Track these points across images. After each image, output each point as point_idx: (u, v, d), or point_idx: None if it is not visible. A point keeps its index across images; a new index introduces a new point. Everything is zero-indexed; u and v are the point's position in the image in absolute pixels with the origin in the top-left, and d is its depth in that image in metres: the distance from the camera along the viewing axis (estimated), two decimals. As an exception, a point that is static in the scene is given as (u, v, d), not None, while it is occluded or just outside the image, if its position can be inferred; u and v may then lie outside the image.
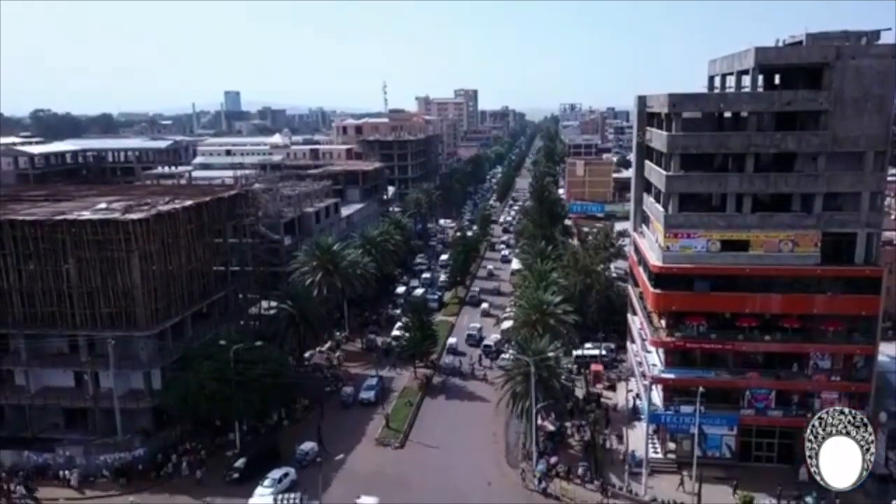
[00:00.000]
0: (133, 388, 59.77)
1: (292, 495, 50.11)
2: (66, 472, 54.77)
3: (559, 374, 59.05)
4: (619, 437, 59.48)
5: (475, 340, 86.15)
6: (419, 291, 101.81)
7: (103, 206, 62.78)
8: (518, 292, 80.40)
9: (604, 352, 76.67)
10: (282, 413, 64.51)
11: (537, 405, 55.59)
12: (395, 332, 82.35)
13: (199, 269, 65.97)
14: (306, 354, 77.62)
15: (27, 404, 59.94)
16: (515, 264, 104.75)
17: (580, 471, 54.20)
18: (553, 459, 56.34)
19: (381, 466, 57.39)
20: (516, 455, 59.06)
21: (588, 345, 77.57)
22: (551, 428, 61.30)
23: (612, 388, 70.26)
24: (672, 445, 56.52)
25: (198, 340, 62.68)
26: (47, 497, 53.44)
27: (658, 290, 55.94)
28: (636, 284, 66.79)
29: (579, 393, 67.15)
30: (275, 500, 49.47)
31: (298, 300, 73.39)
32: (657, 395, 56.75)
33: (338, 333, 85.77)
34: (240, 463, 55.36)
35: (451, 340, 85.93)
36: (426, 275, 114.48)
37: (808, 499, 49.28)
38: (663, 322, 56.86)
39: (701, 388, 50.96)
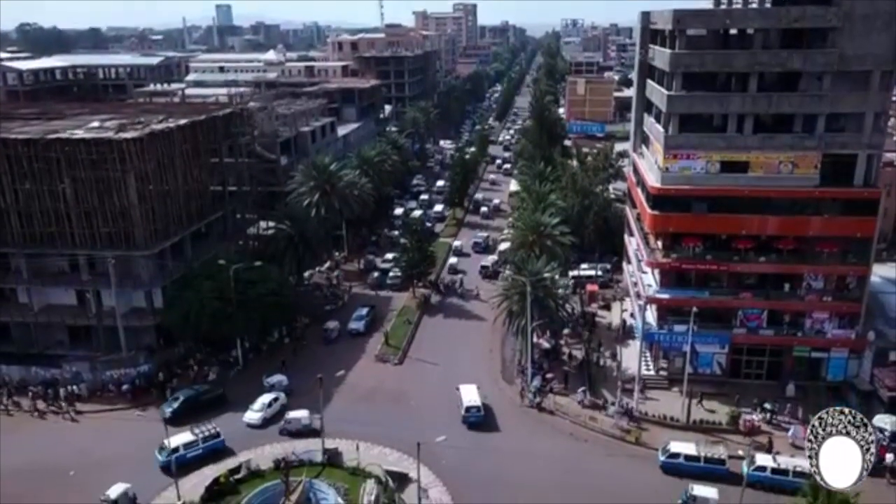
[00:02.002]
0: (135, 307, 60.75)
1: (210, 426, 48.63)
2: (74, 387, 55.97)
3: (555, 294, 59.95)
4: (613, 355, 60.92)
5: (481, 248, 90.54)
6: (417, 213, 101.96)
7: (96, 124, 61.93)
8: (516, 214, 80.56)
9: (600, 272, 77.54)
10: (283, 331, 65.72)
11: (533, 323, 56.66)
12: (384, 265, 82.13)
13: (196, 188, 65.73)
14: (305, 274, 78.36)
15: (31, 322, 60.96)
16: (514, 186, 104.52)
17: (579, 396, 55.44)
18: (549, 376, 57.89)
19: (380, 382, 58.98)
20: (512, 371, 60.70)
21: (584, 265, 78.41)
22: (546, 345, 62.69)
23: (607, 307, 71.40)
24: (664, 363, 57.98)
25: (197, 260, 63.19)
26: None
27: (656, 212, 56.03)
28: (634, 206, 66.83)
29: (572, 308, 68.04)
30: (192, 432, 47.64)
31: (297, 221, 73.52)
32: (651, 315, 57.77)
33: (337, 254, 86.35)
34: (177, 404, 52.74)
35: (457, 243, 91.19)
36: (424, 196, 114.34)
37: (767, 405, 52.16)
38: (660, 243, 57.25)
39: (695, 308, 51.80)
